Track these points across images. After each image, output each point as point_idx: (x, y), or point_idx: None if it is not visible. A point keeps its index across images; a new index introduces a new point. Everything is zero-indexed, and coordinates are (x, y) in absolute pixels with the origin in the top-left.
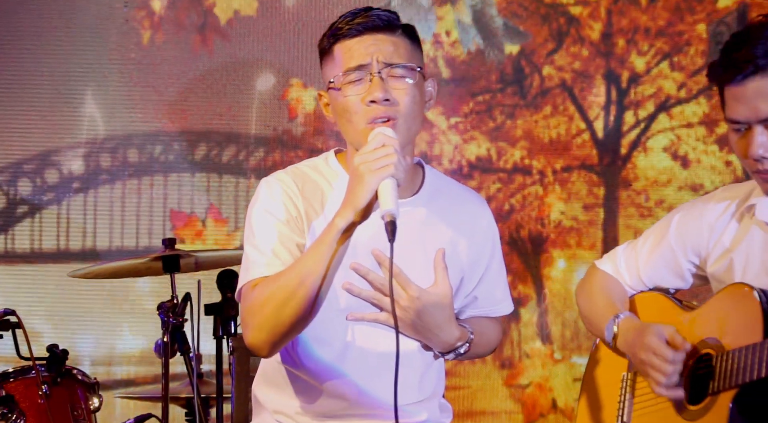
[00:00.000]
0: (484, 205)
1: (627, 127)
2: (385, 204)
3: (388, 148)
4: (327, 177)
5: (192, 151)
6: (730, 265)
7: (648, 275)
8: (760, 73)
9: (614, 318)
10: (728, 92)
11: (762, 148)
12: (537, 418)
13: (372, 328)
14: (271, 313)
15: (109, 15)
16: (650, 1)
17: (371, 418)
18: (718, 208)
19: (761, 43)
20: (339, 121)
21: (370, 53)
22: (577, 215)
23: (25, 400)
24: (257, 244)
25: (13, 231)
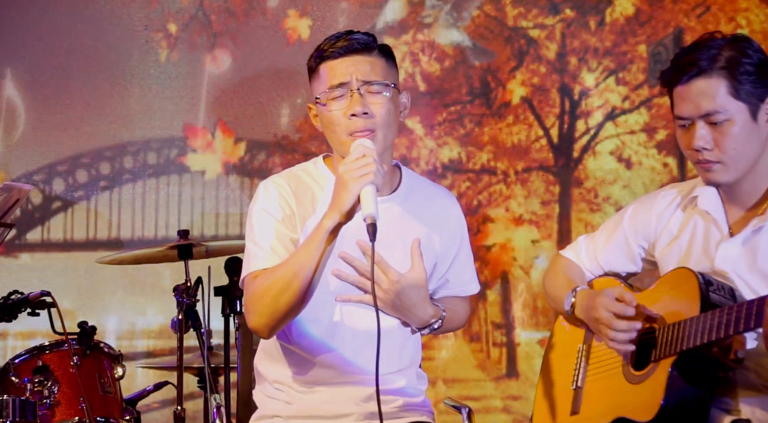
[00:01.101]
0: (453, 200)
1: (579, 133)
2: (366, 208)
3: (367, 158)
4: (316, 179)
5: (203, 154)
6: (676, 249)
7: (605, 260)
8: (703, 75)
9: (572, 291)
10: (676, 92)
11: (702, 140)
12: (502, 378)
13: (356, 308)
14: (269, 301)
15: (132, 36)
16: (598, 25)
17: (356, 384)
18: (665, 200)
19: (704, 51)
20: (325, 131)
21: (350, 73)
22: (536, 210)
23: (58, 370)
24: (257, 240)
25: (48, 223)
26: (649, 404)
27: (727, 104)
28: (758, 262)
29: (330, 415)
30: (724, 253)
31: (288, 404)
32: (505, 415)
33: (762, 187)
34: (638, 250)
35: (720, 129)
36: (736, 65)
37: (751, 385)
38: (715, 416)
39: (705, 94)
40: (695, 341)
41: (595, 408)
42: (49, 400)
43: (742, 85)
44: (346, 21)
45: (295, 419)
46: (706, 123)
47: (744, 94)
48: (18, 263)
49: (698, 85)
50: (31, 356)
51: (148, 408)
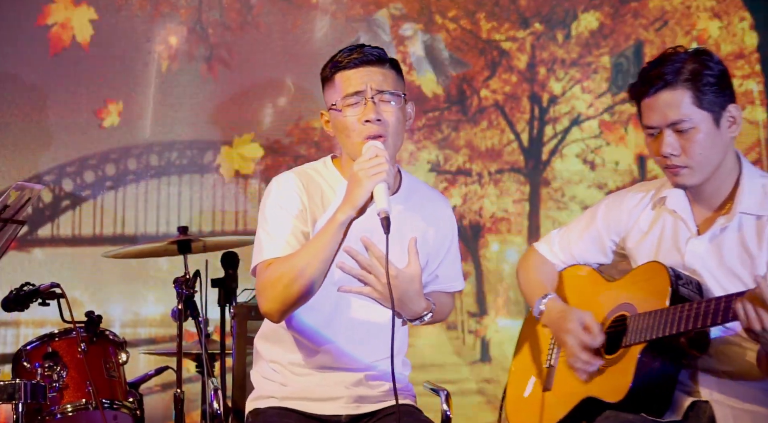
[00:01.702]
0: (446, 203)
1: (547, 138)
2: (380, 203)
3: (380, 158)
4: (326, 178)
5: (201, 156)
6: (647, 244)
7: (578, 252)
8: (668, 87)
9: (542, 297)
10: (644, 104)
11: (670, 147)
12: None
13: (354, 300)
14: (282, 288)
15: (136, 48)
16: (565, 38)
17: (347, 370)
18: (635, 198)
19: (669, 65)
20: (338, 135)
21: (365, 82)
22: (508, 208)
23: (67, 355)
24: (270, 230)
25: (58, 220)
26: (618, 387)
27: (691, 113)
28: (725, 259)
29: (321, 397)
30: (693, 250)
31: (283, 386)
32: (479, 397)
33: (726, 189)
34: (610, 243)
35: (686, 136)
36: (699, 77)
37: (711, 369)
38: (677, 398)
39: (671, 104)
40: (665, 331)
41: (567, 386)
42: (58, 383)
43: (704, 95)
44: (332, 34)
45: (289, 400)
46: (673, 131)
47: (707, 104)
48: (30, 257)
49: (664, 96)
50: (42, 343)
51: (150, 391)
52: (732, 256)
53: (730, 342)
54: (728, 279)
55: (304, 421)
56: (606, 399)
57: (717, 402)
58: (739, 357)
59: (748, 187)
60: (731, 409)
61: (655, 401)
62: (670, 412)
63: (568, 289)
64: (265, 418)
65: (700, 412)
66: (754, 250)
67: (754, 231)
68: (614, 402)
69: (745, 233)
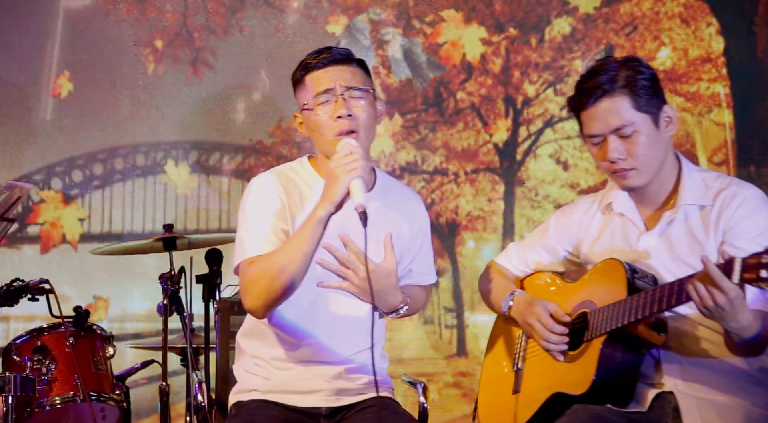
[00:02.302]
0: (419, 201)
1: (521, 138)
2: (357, 198)
3: (355, 155)
4: (303, 177)
5: (186, 156)
6: (600, 247)
7: (535, 263)
8: (606, 95)
9: (510, 294)
10: (584, 115)
11: (616, 152)
12: (452, 357)
13: (333, 295)
14: (265, 285)
15: (122, 51)
16: (539, 43)
17: (327, 364)
18: (584, 207)
19: (603, 75)
20: (312, 135)
21: (334, 80)
22: (483, 207)
23: (56, 349)
24: (251, 229)
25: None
26: (582, 379)
27: (632, 117)
28: (675, 251)
29: (302, 390)
30: (645, 246)
31: (265, 379)
32: (455, 390)
33: (668, 186)
34: (564, 253)
35: (630, 140)
36: (634, 82)
37: (673, 360)
38: (641, 391)
39: (612, 111)
40: (622, 321)
41: (534, 386)
42: (47, 376)
43: (641, 99)
44: (314, 38)
45: (272, 393)
46: (617, 136)
47: (644, 106)
48: (19, 254)
49: (604, 104)
50: (31, 337)
51: (136, 384)
52: (682, 246)
53: (687, 332)
54: (681, 269)
55: (285, 413)
56: (571, 392)
57: (681, 393)
58: (696, 345)
59: (689, 182)
60: (696, 399)
61: (619, 392)
62: (635, 403)
63: (531, 294)
64: (248, 410)
65: (665, 402)
66: (701, 237)
67: (699, 221)
68: (579, 394)
69: (692, 224)
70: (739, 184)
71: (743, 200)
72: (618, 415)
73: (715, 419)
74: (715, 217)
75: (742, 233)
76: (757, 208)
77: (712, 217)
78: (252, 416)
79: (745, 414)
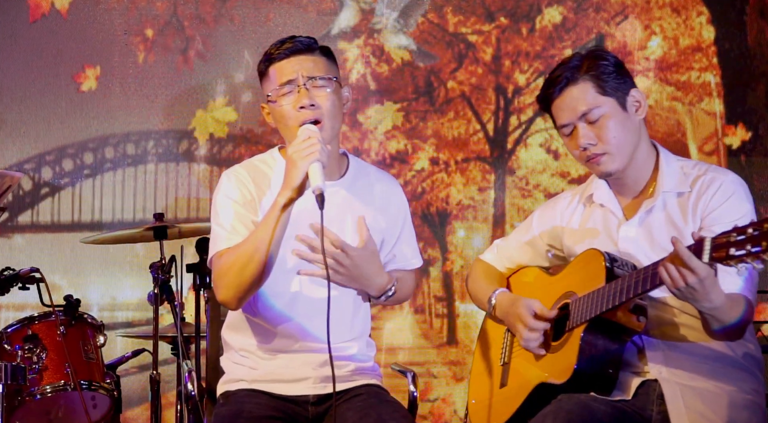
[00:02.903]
0: (395, 184)
1: (512, 127)
2: (314, 181)
3: (312, 139)
4: (272, 167)
5: (177, 146)
6: (581, 238)
7: (520, 259)
8: (571, 83)
9: (493, 293)
10: (553, 107)
11: (585, 138)
12: (443, 346)
13: (312, 283)
14: (234, 275)
15: (113, 40)
16: (529, 32)
17: (312, 352)
18: (565, 201)
19: (567, 66)
20: (278, 125)
21: (296, 70)
22: (474, 196)
23: (46, 338)
24: (221, 222)
25: (37, 207)
26: (564, 368)
27: (597, 101)
28: (656, 239)
29: (289, 379)
30: (625, 235)
31: (252, 369)
32: (446, 379)
33: (646, 175)
34: (547, 247)
35: (598, 124)
36: (597, 67)
37: (657, 348)
38: (625, 379)
39: (577, 98)
40: (601, 308)
41: (520, 378)
42: (38, 365)
43: (606, 83)
44: (304, 27)
45: (259, 383)
46: (585, 123)
47: (610, 90)
48: (10, 243)
49: (570, 92)
50: (22, 326)
51: (127, 372)
52: (662, 234)
53: (668, 320)
54: (661, 256)
55: (274, 401)
56: (555, 381)
57: (665, 380)
58: (678, 331)
59: (666, 170)
60: (680, 386)
61: (602, 379)
62: (619, 391)
63: (516, 290)
64: (236, 399)
65: (650, 390)
66: (680, 224)
67: (677, 207)
68: (562, 382)
69: (670, 211)
70: (716, 170)
71: (720, 185)
72: (603, 403)
73: (699, 406)
74: (693, 203)
75: (720, 218)
76: (734, 193)
77: (690, 203)
78: (240, 404)
79: (730, 400)
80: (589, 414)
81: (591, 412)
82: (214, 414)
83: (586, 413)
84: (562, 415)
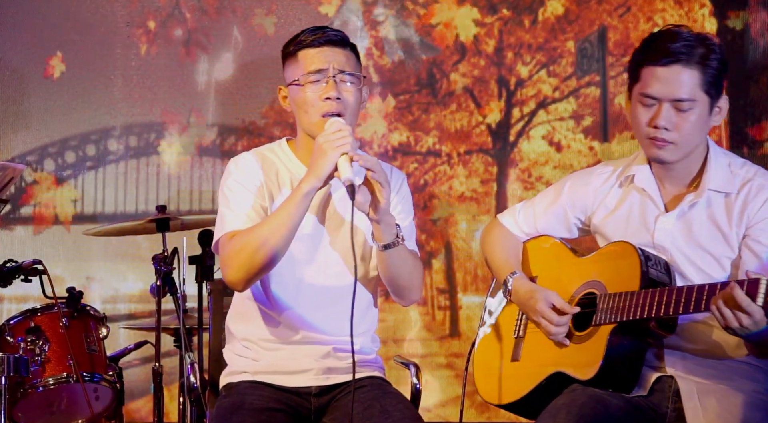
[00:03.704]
0: (403, 177)
1: (514, 120)
2: (344, 173)
3: (344, 132)
4: (281, 158)
5: (179, 138)
6: (614, 222)
7: (543, 227)
8: (683, 63)
9: (510, 275)
10: (649, 72)
11: (666, 121)
12: (445, 338)
13: (317, 274)
14: (246, 257)
15: (115, 32)
16: (532, 23)
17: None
18: (602, 177)
19: (682, 41)
20: (297, 111)
21: (329, 61)
22: (476, 188)
23: (49, 330)
24: (231, 205)
25: (40, 199)
26: (589, 364)
27: (696, 95)
28: (694, 235)
29: (292, 370)
30: (662, 227)
31: (255, 361)
32: (448, 371)
33: (694, 167)
34: (575, 220)
35: (683, 115)
36: (709, 61)
37: (678, 347)
38: (643, 374)
39: (681, 82)
40: (636, 314)
41: (535, 358)
42: (41, 357)
43: (709, 80)
44: (307, 18)
45: (261, 374)
46: (672, 106)
47: (709, 88)
48: (12, 235)
49: (677, 71)
50: (25, 318)
51: (129, 364)
52: (701, 231)
53: (697, 321)
54: (698, 255)
55: (276, 393)
56: (577, 376)
57: (681, 377)
58: (706, 335)
59: (714, 165)
60: (696, 383)
61: (624, 379)
62: (636, 387)
63: (534, 261)
64: (238, 391)
65: (665, 386)
66: (724, 227)
67: (723, 208)
68: (584, 380)
69: (715, 210)
70: (765, 175)
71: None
72: (617, 398)
73: (714, 404)
74: (739, 209)
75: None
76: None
77: (736, 208)
78: (242, 396)
79: (745, 399)
80: (603, 408)
81: (605, 407)
82: (216, 406)
83: (599, 407)
84: (575, 408)
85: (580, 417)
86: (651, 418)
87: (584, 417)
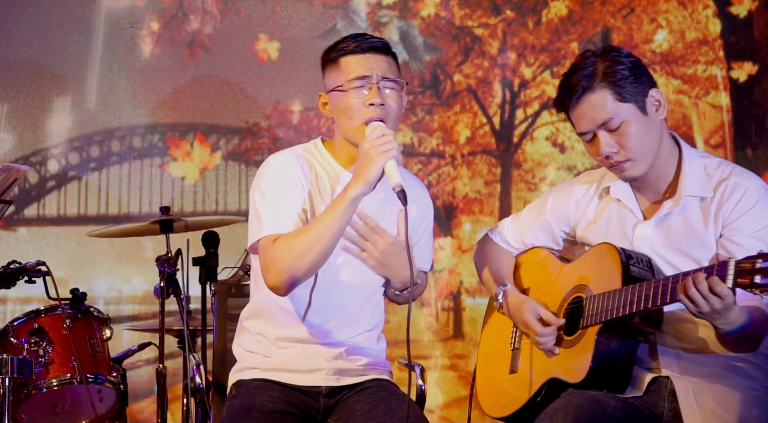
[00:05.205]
0: (424, 189)
1: (518, 121)
2: (394, 178)
3: (389, 137)
4: (318, 160)
5: (183, 139)
6: (596, 231)
7: (531, 241)
8: (588, 91)
9: (501, 287)
10: (572, 114)
11: (607, 147)
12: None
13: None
14: (292, 261)
15: (119, 33)
16: (535, 25)
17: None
18: (581, 189)
19: (582, 71)
20: (338, 117)
21: (372, 68)
22: (480, 189)
23: (53, 332)
24: (273, 206)
25: (43, 200)
26: (579, 367)
27: (617, 109)
28: (672, 240)
29: (303, 369)
30: (641, 234)
31: (266, 358)
32: (452, 372)
33: (668, 174)
34: (560, 233)
35: (619, 132)
36: (613, 73)
37: (670, 345)
38: (638, 375)
39: (595, 106)
40: (618, 312)
41: (531, 368)
42: (44, 358)
43: (623, 89)
44: (310, 20)
45: (272, 372)
46: (605, 131)
47: (628, 96)
48: (16, 236)
49: (587, 101)
50: (28, 319)
51: (133, 366)
52: (679, 236)
53: (684, 319)
54: (677, 258)
55: (286, 393)
56: (569, 380)
57: (677, 377)
58: (693, 333)
59: (689, 170)
60: (691, 382)
61: (616, 379)
62: (632, 388)
63: (526, 273)
64: (248, 390)
65: (661, 386)
66: (699, 229)
67: (698, 212)
68: (576, 382)
69: (691, 214)
70: (740, 174)
71: (744, 192)
72: (614, 399)
73: (710, 403)
74: (715, 209)
75: (742, 228)
76: (758, 201)
77: (712, 209)
78: (252, 396)
79: (741, 397)
80: (599, 409)
81: (602, 408)
82: (225, 406)
83: (596, 408)
84: (572, 410)
85: (577, 418)
86: (648, 419)
87: (581, 418)
